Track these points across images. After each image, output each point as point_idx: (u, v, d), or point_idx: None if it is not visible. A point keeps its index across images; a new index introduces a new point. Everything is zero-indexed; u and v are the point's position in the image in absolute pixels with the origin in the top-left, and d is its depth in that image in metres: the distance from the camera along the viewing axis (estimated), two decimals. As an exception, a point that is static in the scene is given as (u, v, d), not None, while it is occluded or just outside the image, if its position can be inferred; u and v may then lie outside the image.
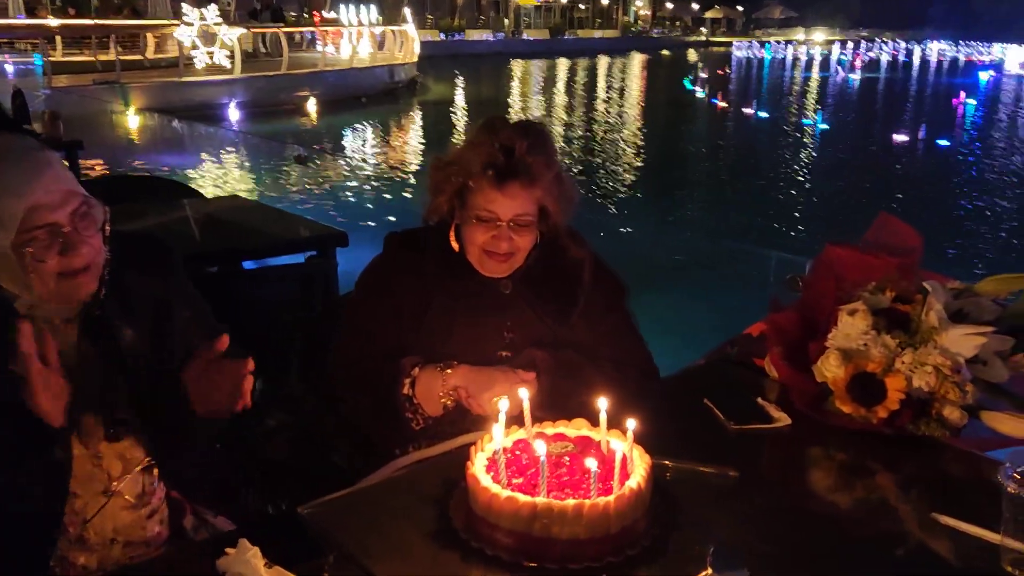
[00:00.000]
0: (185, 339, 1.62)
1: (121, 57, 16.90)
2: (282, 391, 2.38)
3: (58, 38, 20.00)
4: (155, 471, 1.62)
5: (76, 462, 1.49)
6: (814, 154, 15.18)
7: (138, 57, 19.43)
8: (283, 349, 2.44)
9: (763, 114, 19.06)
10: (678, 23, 79.69)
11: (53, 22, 21.74)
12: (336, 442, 1.91)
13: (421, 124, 19.53)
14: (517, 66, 37.93)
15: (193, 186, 4.63)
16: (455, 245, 1.92)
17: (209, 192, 6.04)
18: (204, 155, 12.18)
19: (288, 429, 2.12)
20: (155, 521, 1.62)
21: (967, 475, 1.62)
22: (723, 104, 21.02)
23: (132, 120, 14.18)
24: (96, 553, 1.54)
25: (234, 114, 16.74)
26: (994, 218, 10.00)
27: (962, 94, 21.06)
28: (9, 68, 17.06)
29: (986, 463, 1.60)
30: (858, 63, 31.75)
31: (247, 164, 11.87)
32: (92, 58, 19.02)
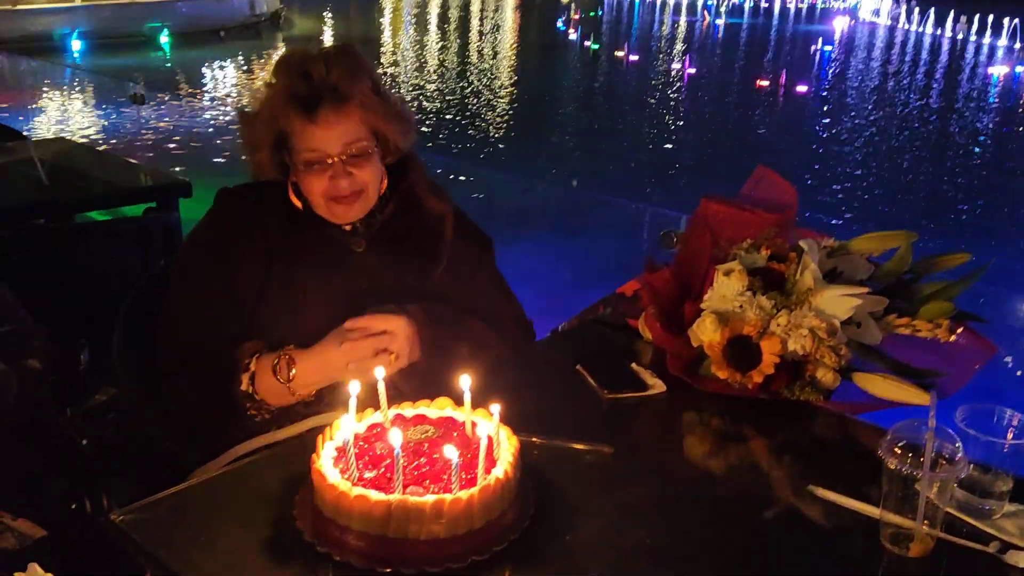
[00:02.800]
0: None
1: (-59, -20, 15.30)
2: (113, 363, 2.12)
3: None
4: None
5: None
6: (683, 99, 15.40)
7: (-38, -20, 17.67)
8: (116, 314, 2.19)
9: (634, 57, 19.16)
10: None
11: None
12: (167, 425, 1.68)
13: (285, 61, 18.56)
14: (388, 2, 36.71)
15: (16, 127, 4.14)
16: (297, 203, 1.71)
17: (37, 135, 5.45)
18: (29, 92, 11.06)
19: (117, 407, 1.88)
20: (-61, 533, 1.38)
21: (842, 440, 1.59)
22: (596, 47, 21.00)
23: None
24: None
25: (76, 46, 15.41)
26: (850, 168, 10.41)
27: (819, 40, 21.81)
28: None
29: (859, 427, 1.58)
30: (723, 8, 32.41)
31: (79, 103, 10.87)
32: (-93, -19, 17.12)
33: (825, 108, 14.50)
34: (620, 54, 19.42)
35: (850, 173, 10.04)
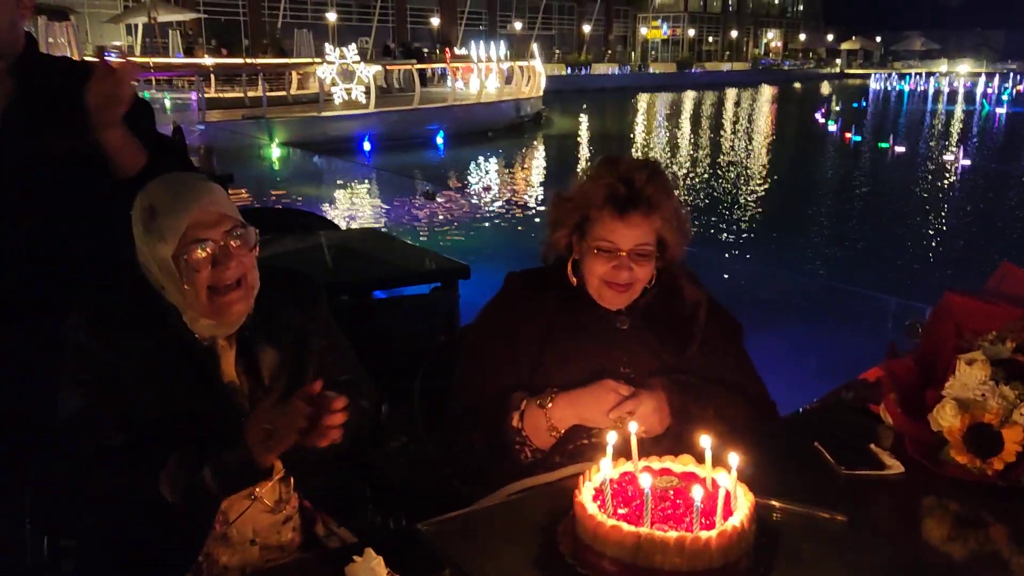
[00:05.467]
0: (320, 366, 1.78)
1: (267, 93, 17.96)
2: (406, 415, 2.52)
3: (212, 76, 21.53)
4: (291, 480, 1.78)
5: None
6: (954, 192, 14.47)
7: (282, 93, 20.61)
8: (408, 376, 2.59)
9: (900, 148, 18.33)
10: (812, 55, 77.62)
11: (208, 61, 23.56)
12: (454, 465, 2.01)
13: (545, 158, 19.82)
14: (643, 100, 37.85)
15: (330, 218, 4.91)
16: (573, 280, 2.01)
17: (344, 224, 6.38)
18: (340, 188, 12.86)
19: (408, 451, 2.25)
20: (289, 528, 1.78)
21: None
22: (857, 138, 20.34)
23: (276, 152, 15.10)
24: (237, 553, 1.71)
25: (368, 147, 17.49)
26: None
27: (1124, 129, 19.57)
28: (168, 103, 18.44)
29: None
30: (1004, 96, 29.98)
31: (379, 197, 12.47)
32: (242, 94, 20.36)
33: None
34: (884, 146, 18.66)
35: None
